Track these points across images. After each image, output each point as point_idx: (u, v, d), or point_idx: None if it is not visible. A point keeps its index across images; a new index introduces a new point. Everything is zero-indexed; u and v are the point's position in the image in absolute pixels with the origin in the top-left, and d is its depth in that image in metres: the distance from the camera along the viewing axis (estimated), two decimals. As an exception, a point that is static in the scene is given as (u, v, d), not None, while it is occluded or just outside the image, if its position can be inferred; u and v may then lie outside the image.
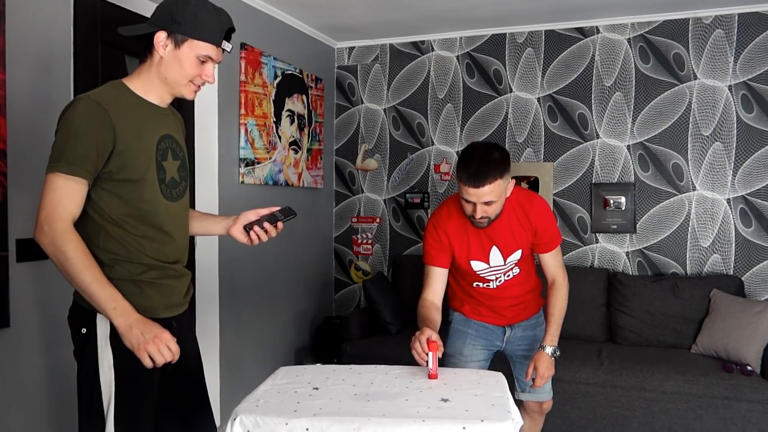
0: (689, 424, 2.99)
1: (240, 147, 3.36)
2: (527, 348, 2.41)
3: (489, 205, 2.05)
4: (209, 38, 1.59)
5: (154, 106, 1.65)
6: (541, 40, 4.05)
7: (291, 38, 3.92)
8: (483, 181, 1.98)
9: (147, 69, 1.62)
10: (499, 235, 2.20)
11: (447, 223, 2.23)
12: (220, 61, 1.65)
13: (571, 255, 3.99)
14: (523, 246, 2.25)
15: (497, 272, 2.28)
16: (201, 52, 1.59)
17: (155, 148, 1.62)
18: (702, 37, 3.72)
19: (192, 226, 1.87)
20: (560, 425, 3.17)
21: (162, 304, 1.64)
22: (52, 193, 1.47)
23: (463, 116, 4.24)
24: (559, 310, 2.28)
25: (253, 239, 1.79)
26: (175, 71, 1.60)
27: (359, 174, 4.51)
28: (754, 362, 3.08)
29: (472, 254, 2.23)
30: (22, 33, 2.12)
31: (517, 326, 2.43)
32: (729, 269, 3.68)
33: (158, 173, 1.62)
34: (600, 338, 3.65)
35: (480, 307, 2.39)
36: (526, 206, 2.22)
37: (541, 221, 2.23)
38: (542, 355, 2.21)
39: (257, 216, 1.80)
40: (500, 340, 2.43)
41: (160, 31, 1.56)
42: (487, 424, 1.46)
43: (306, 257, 4.15)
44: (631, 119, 3.87)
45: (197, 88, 1.67)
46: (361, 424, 1.46)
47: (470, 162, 2.02)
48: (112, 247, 1.57)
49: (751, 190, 3.64)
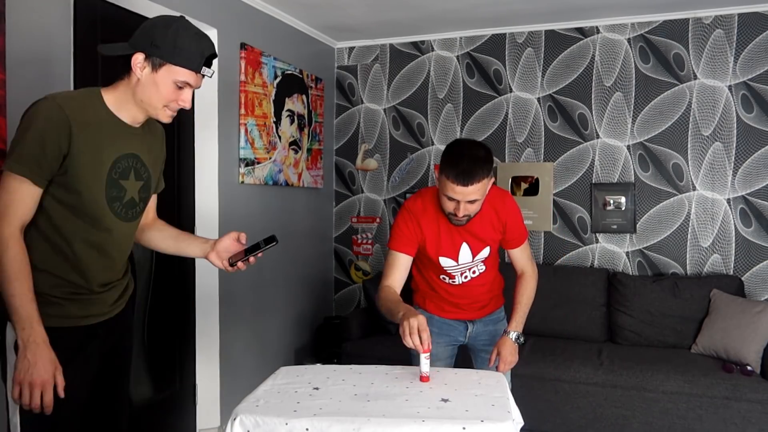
0: (689, 424, 2.99)
1: (240, 147, 3.36)
2: (489, 343, 2.39)
3: (472, 203, 2.03)
4: (188, 64, 1.54)
5: (123, 124, 1.61)
6: (541, 40, 4.05)
7: (291, 38, 3.92)
8: (471, 180, 1.96)
9: (124, 87, 1.59)
10: (470, 232, 2.19)
11: (422, 215, 2.18)
12: (198, 86, 1.62)
13: (571, 255, 3.99)
14: (492, 243, 2.25)
15: (464, 269, 2.27)
16: (179, 78, 1.55)
17: (110, 164, 1.57)
18: (702, 37, 3.72)
19: (164, 243, 1.86)
20: (560, 425, 3.17)
21: (81, 314, 1.60)
22: (6, 195, 1.46)
23: (463, 116, 4.24)
24: (527, 298, 2.30)
25: (229, 269, 1.83)
26: (150, 94, 1.56)
27: (359, 174, 4.51)
28: (754, 362, 3.08)
29: (442, 251, 2.21)
30: (22, 33, 2.12)
31: (479, 321, 2.41)
32: (729, 269, 3.68)
33: (109, 191, 1.58)
34: (600, 338, 3.65)
35: (443, 303, 2.35)
36: (498, 204, 2.21)
37: (510, 218, 2.23)
38: (506, 340, 2.22)
39: (237, 245, 1.83)
40: (463, 335, 2.41)
41: (138, 53, 1.53)
42: (487, 425, 1.46)
43: (306, 257, 4.15)
44: (631, 119, 3.87)
45: (173, 113, 1.63)
46: (361, 424, 1.46)
47: (459, 160, 1.97)
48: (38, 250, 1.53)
49: (751, 190, 3.64)
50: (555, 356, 3.30)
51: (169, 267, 3.08)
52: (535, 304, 3.69)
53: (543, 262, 4.06)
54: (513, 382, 2.41)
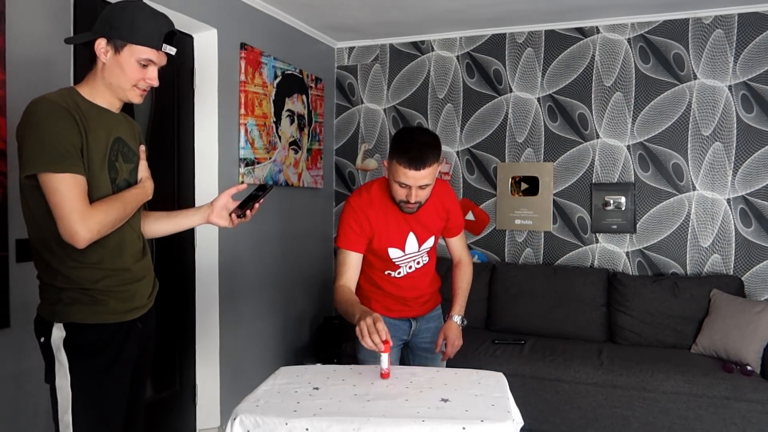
0: (689, 424, 2.99)
1: (240, 147, 3.36)
2: (430, 341, 2.42)
3: (423, 189, 2.06)
4: (147, 42, 1.60)
5: (106, 110, 1.67)
6: (541, 40, 4.05)
7: (291, 38, 3.92)
8: (424, 164, 1.99)
9: (93, 76, 1.64)
10: (417, 221, 2.22)
11: (368, 208, 2.19)
12: (163, 64, 1.67)
13: (571, 255, 3.99)
14: (436, 232, 2.31)
15: (409, 260, 2.28)
16: (141, 56, 1.61)
17: (108, 148, 1.64)
18: (702, 37, 3.72)
19: (160, 227, 1.90)
20: (560, 425, 3.17)
21: (123, 308, 1.67)
22: (64, 194, 1.49)
23: (463, 116, 4.24)
24: (466, 284, 2.41)
25: (234, 222, 1.89)
26: (117, 76, 1.62)
27: (359, 174, 4.51)
28: (754, 362, 3.08)
29: (391, 241, 2.22)
30: (22, 33, 2.12)
31: (422, 318, 2.43)
32: (729, 269, 3.68)
33: (110, 173, 1.64)
34: (600, 338, 3.65)
35: (388, 300, 2.34)
36: (441, 193, 2.27)
37: (452, 207, 2.32)
38: (451, 324, 2.31)
39: (233, 198, 1.91)
40: (407, 333, 2.41)
41: (100, 38, 1.59)
42: (487, 425, 1.46)
43: (306, 257, 4.15)
44: (631, 119, 3.87)
45: (142, 92, 1.68)
46: (361, 424, 1.46)
47: (410, 145, 2.01)
48: None
49: (751, 190, 3.64)
50: (555, 356, 3.29)
51: (169, 267, 3.08)
52: (536, 304, 3.76)
53: (543, 262, 4.06)
54: (513, 382, 2.41)
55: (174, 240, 3.09)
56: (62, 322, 1.59)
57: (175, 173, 3.12)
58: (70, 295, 1.59)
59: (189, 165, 3.20)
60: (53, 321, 1.59)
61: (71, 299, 1.59)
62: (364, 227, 2.17)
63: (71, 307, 1.59)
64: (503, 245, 4.17)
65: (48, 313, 1.60)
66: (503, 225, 4.14)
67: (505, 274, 3.89)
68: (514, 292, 3.81)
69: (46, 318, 1.60)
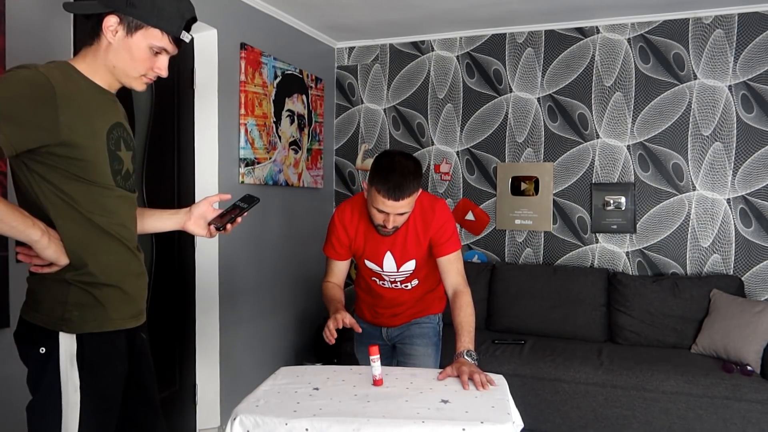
0: (689, 424, 2.99)
1: (240, 147, 3.36)
2: (410, 343, 2.40)
3: (401, 215, 2.06)
4: (167, 27, 1.39)
5: (104, 91, 1.45)
6: (541, 40, 4.05)
7: (291, 38, 3.92)
8: (402, 195, 1.98)
9: (93, 54, 1.42)
10: (394, 242, 2.20)
11: (349, 221, 2.24)
12: (175, 53, 1.46)
13: (571, 255, 3.99)
14: (417, 257, 2.22)
15: (391, 276, 2.29)
16: (155, 43, 1.40)
17: (105, 135, 1.42)
18: (702, 37, 3.72)
19: (142, 224, 1.68)
20: (560, 425, 3.17)
21: (128, 314, 1.50)
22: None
23: (463, 116, 4.23)
24: (471, 318, 2.08)
25: (213, 233, 1.70)
26: (124, 61, 1.41)
27: (359, 174, 4.50)
28: (754, 362, 3.08)
29: (368, 256, 2.26)
30: (22, 33, 2.11)
31: (394, 327, 2.44)
32: (729, 269, 3.68)
33: (112, 164, 1.43)
34: (600, 338, 3.65)
35: (377, 307, 2.41)
36: (428, 215, 2.18)
37: (437, 223, 2.16)
38: (464, 361, 1.90)
39: (214, 209, 1.72)
40: (381, 339, 2.46)
41: (110, 14, 1.37)
42: (487, 426, 1.46)
43: (306, 257, 4.14)
44: (631, 119, 3.87)
45: (149, 80, 1.48)
46: (360, 425, 1.46)
47: (389, 175, 1.97)
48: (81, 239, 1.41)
49: (751, 190, 3.64)
50: (555, 356, 3.29)
51: (169, 267, 3.08)
52: (536, 304, 3.76)
53: (543, 262, 4.06)
54: (513, 382, 2.41)
55: (174, 240, 3.09)
56: (74, 332, 1.37)
57: (175, 173, 3.12)
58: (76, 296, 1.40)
59: (189, 165, 3.20)
60: (58, 330, 1.37)
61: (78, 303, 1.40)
62: (343, 241, 2.26)
63: (84, 312, 1.38)
64: (503, 245, 4.17)
65: (50, 321, 1.38)
66: (503, 225, 4.14)
67: (505, 274, 3.89)
68: (514, 292, 3.81)
69: (46, 327, 1.39)
